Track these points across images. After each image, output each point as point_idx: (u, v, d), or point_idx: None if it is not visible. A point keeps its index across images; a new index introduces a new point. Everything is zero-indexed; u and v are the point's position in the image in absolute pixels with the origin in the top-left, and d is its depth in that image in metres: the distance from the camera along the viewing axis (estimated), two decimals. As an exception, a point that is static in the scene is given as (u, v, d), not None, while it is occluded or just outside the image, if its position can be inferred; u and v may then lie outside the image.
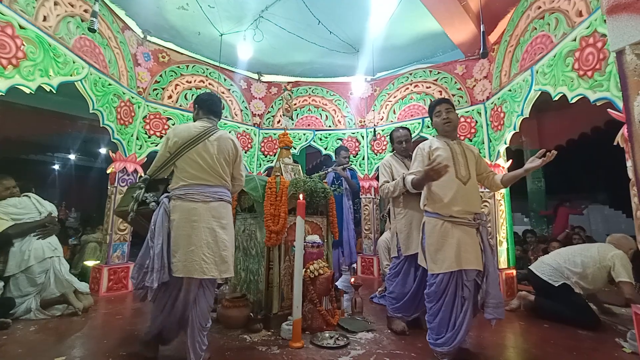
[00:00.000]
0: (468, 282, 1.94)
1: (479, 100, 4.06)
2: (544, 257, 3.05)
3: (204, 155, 1.92)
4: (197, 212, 1.86)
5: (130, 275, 1.90)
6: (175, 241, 1.82)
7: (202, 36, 4.38)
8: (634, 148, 0.88)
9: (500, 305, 1.94)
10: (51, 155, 10.49)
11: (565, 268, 2.74)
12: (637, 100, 0.85)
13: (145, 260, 1.83)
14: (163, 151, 1.97)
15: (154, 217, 1.88)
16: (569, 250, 2.90)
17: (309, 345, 2.19)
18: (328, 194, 2.96)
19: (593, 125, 6.24)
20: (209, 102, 2.13)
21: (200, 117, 2.10)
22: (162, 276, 1.77)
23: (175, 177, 1.94)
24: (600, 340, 2.37)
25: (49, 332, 2.41)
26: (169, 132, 1.99)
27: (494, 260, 2.01)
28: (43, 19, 2.67)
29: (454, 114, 2.21)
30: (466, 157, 2.13)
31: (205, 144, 1.94)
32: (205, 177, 1.92)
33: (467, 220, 2.00)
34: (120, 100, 3.69)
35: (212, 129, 2.02)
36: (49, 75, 2.69)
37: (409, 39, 4.40)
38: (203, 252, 1.82)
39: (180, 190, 1.88)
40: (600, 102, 2.20)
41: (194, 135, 1.94)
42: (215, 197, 1.93)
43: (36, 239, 2.80)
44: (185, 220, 1.84)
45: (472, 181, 2.08)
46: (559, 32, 2.66)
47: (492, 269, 1.98)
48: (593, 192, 9.57)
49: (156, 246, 1.79)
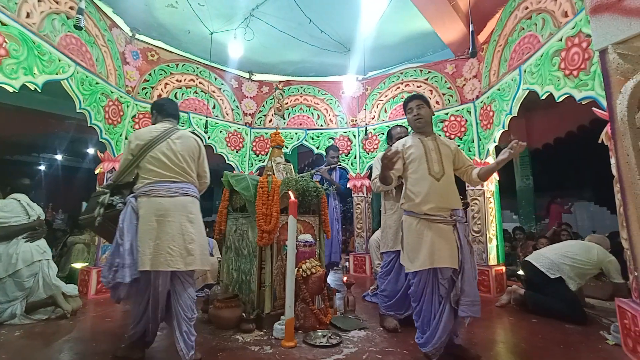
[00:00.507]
0: (443, 281, 1.91)
1: (469, 99, 4.11)
2: (542, 250, 3.14)
3: (167, 154, 2.00)
4: (163, 206, 1.91)
5: (102, 275, 1.90)
6: (141, 235, 1.86)
7: (192, 34, 4.33)
8: (617, 145, 0.90)
9: (475, 303, 1.87)
10: (37, 155, 10.26)
11: (563, 264, 2.82)
12: (619, 98, 0.87)
13: (115, 258, 1.84)
14: (126, 155, 2.03)
15: (122, 216, 1.91)
16: (569, 247, 2.98)
17: (302, 345, 2.19)
18: (320, 193, 2.97)
19: (579, 124, 6.38)
20: (167, 106, 2.22)
21: (159, 121, 2.18)
22: (134, 271, 1.81)
23: (141, 177, 2.00)
24: (586, 333, 2.43)
25: (35, 337, 2.36)
26: (130, 136, 2.07)
27: (471, 257, 1.96)
28: (26, 16, 2.61)
29: (425, 109, 2.14)
30: (440, 153, 2.07)
31: (168, 143, 2.02)
32: (170, 174, 1.99)
33: (442, 217, 1.96)
34: (109, 99, 3.62)
35: (173, 129, 2.11)
36: (34, 74, 2.63)
37: (399, 39, 4.43)
38: (169, 245, 1.87)
39: (146, 188, 1.94)
40: (585, 101, 2.25)
41: (155, 136, 2.02)
42: (181, 192, 1.99)
43: (24, 242, 2.73)
44: (151, 214, 1.89)
45: (446, 177, 2.03)
46: (545, 32, 2.71)
47: (468, 266, 1.91)
48: (579, 190, 9.78)
49: (126, 242, 1.83)
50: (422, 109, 2.13)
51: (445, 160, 2.07)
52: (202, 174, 2.20)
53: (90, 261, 3.66)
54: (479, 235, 3.75)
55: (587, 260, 2.82)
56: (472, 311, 1.87)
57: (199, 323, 2.64)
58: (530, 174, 7.35)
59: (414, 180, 2.05)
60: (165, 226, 1.89)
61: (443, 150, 2.09)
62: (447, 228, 1.96)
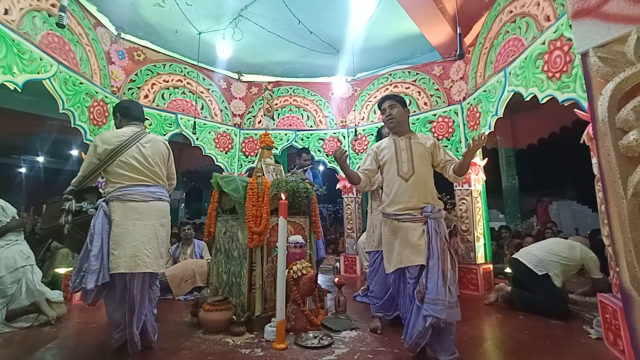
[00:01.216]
0: (411, 280, 1.88)
1: (456, 100, 4.18)
2: (529, 248, 3.23)
3: (138, 158, 2.03)
4: (138, 210, 1.97)
5: (70, 280, 1.90)
6: (115, 239, 1.90)
7: (180, 34, 4.27)
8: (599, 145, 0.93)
9: (439, 302, 1.72)
10: (17, 157, 9.93)
11: (550, 261, 2.92)
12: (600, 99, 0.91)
13: (84, 263, 1.84)
14: (91, 159, 2.02)
15: (94, 220, 1.91)
16: (554, 245, 3.09)
17: (293, 346, 2.18)
18: (310, 194, 2.96)
19: (562, 125, 6.57)
20: (132, 109, 2.22)
21: (124, 124, 2.17)
22: (101, 277, 1.83)
23: (109, 181, 2.03)
24: (569, 328, 2.50)
25: (15, 346, 2.27)
26: (95, 140, 2.04)
27: (443, 254, 1.83)
28: (4, 12, 2.52)
29: (398, 109, 2.09)
30: (412, 152, 2.03)
31: (138, 147, 2.06)
32: (142, 178, 2.03)
33: (411, 216, 1.93)
34: (93, 100, 3.53)
35: (141, 132, 2.14)
36: (13, 73, 2.54)
37: (388, 40, 4.47)
38: (145, 247, 1.94)
39: (118, 192, 1.97)
40: (567, 103, 2.32)
41: (124, 140, 2.03)
42: (155, 197, 2.06)
43: (6, 248, 2.64)
44: (126, 218, 1.94)
45: (417, 177, 1.98)
46: (529, 36, 2.79)
47: (434, 262, 1.81)
48: (562, 189, 10.08)
49: (94, 247, 1.84)
50: (394, 109, 2.10)
51: (417, 160, 2.01)
52: (171, 176, 2.27)
53: (74, 266, 3.55)
54: (467, 234, 3.81)
55: (571, 257, 2.92)
56: (435, 311, 1.71)
57: (189, 327, 2.61)
58: (515, 173, 7.52)
59: (386, 182, 2.09)
60: (141, 229, 1.95)
61: (415, 149, 2.04)
62: (416, 226, 1.91)
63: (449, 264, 1.82)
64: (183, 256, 4.13)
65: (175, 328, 2.60)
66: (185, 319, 2.81)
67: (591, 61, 0.88)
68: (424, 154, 2.04)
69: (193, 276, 3.68)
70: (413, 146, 2.05)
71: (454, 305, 1.76)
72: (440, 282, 1.76)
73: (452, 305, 1.75)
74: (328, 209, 13.30)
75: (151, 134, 2.22)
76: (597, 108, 0.90)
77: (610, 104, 0.87)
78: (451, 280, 1.79)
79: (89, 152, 2.04)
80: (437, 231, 1.87)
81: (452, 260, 1.85)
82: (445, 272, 1.78)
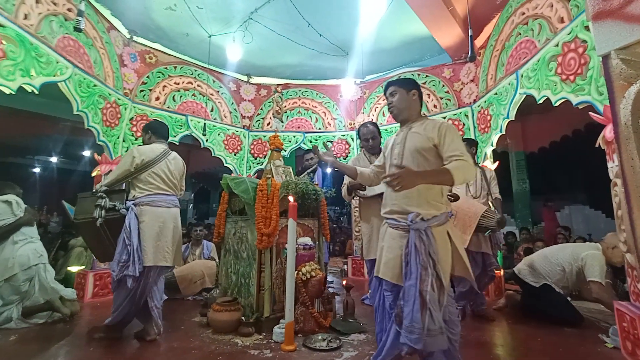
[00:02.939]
0: (387, 293, 1.67)
1: (466, 103, 4.15)
2: (525, 259, 3.13)
3: (165, 172, 2.45)
4: (163, 216, 2.39)
5: (111, 269, 2.27)
6: (146, 238, 2.28)
7: (190, 37, 4.33)
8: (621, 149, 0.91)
9: (414, 330, 1.45)
10: (31, 158, 10.15)
11: (542, 268, 2.84)
12: (622, 102, 0.89)
13: (122, 255, 2.20)
14: (129, 166, 2.34)
15: (128, 220, 2.27)
16: (547, 252, 3.00)
17: (302, 348, 2.18)
18: (319, 196, 2.96)
19: (574, 128, 6.46)
20: (162, 129, 2.64)
21: (153, 141, 2.55)
22: (140, 267, 2.20)
23: (139, 187, 2.37)
24: (584, 336, 2.44)
25: (31, 341, 2.32)
26: (134, 152, 2.38)
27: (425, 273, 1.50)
28: (24, 17, 2.59)
29: (399, 95, 1.76)
30: (404, 146, 1.71)
31: (166, 163, 2.47)
32: (166, 188, 2.45)
33: (395, 221, 1.65)
34: (106, 102, 3.60)
35: (167, 150, 2.54)
36: (31, 75, 2.61)
37: (397, 43, 4.46)
38: (166, 246, 2.36)
39: (147, 198, 2.35)
40: (582, 106, 2.28)
41: (157, 155, 2.43)
42: (173, 204, 2.50)
43: (21, 245, 2.70)
44: (154, 221, 2.34)
45: None
46: (542, 38, 2.75)
47: (410, 282, 1.51)
48: (574, 193, 9.88)
49: (134, 242, 2.21)
50: (395, 95, 1.77)
51: (408, 154, 1.68)
52: (183, 188, 2.68)
53: (87, 265, 3.61)
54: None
55: (562, 261, 2.76)
56: (410, 340, 1.45)
57: (198, 327, 2.63)
58: (526, 177, 7.40)
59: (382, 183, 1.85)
60: (164, 231, 2.37)
61: (410, 141, 1.70)
62: (397, 234, 1.63)
63: (430, 284, 1.49)
64: (192, 257, 4.16)
65: (184, 327, 2.62)
66: (194, 318, 2.83)
67: (613, 63, 0.86)
68: (420, 147, 1.66)
69: (202, 277, 3.71)
70: (408, 138, 1.71)
71: (436, 334, 1.46)
72: (416, 307, 1.47)
73: (434, 334, 1.46)
74: (335, 210, 13.27)
75: (174, 153, 2.59)
76: (619, 111, 0.88)
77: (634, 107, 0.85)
78: (433, 303, 1.48)
79: (126, 160, 2.36)
80: (417, 246, 1.52)
81: (438, 280, 1.51)
82: (424, 294, 1.48)
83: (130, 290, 2.23)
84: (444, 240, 1.59)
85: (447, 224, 1.62)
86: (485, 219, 2.75)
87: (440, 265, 1.53)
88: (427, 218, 1.57)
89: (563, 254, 2.81)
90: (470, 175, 1.55)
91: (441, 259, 1.55)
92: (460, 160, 1.53)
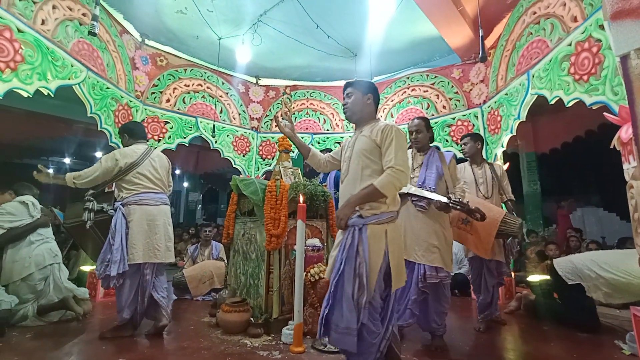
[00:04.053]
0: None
1: (476, 103, 4.11)
2: (571, 256, 2.93)
3: (150, 170, 2.49)
4: (152, 213, 2.43)
5: (95, 268, 2.34)
6: (135, 236, 2.33)
7: (200, 40, 4.38)
8: (640, 150, 0.89)
9: (339, 330, 1.47)
10: (45, 159, 10.39)
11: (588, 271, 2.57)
12: (642, 103, 0.87)
13: (107, 255, 2.26)
14: (111, 169, 2.38)
15: (114, 220, 2.33)
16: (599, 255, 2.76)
17: (311, 350, 2.18)
18: (328, 197, 2.97)
19: (587, 129, 6.32)
20: (137, 130, 2.67)
21: (132, 143, 2.57)
22: (122, 266, 2.24)
23: (125, 188, 2.43)
24: (599, 342, 2.39)
25: (45, 339, 2.37)
26: (116, 155, 2.42)
27: (342, 267, 1.53)
28: (41, 23, 2.66)
29: (355, 97, 1.75)
30: (353, 149, 1.72)
31: (150, 162, 2.50)
32: (153, 187, 2.49)
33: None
34: (118, 104, 3.67)
35: (149, 149, 2.57)
36: (47, 79, 2.67)
37: (406, 43, 4.44)
38: (158, 242, 2.40)
39: (135, 197, 2.40)
40: (596, 106, 2.23)
41: (139, 155, 2.47)
42: (162, 202, 2.52)
43: (37, 245, 2.77)
44: (143, 219, 2.38)
45: (349, 178, 1.69)
46: (554, 37, 2.71)
47: (341, 282, 1.52)
48: (587, 195, 9.69)
49: (116, 242, 2.26)
50: (351, 97, 1.77)
51: (355, 157, 1.68)
52: (170, 184, 2.71)
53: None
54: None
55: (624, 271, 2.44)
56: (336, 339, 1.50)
57: (207, 327, 2.65)
58: (537, 179, 7.28)
59: None
60: (154, 228, 2.41)
61: (358, 144, 1.70)
62: (340, 232, 1.66)
63: (350, 282, 1.50)
64: (201, 257, 4.20)
65: (194, 328, 2.64)
66: (203, 319, 2.86)
67: (632, 64, 0.84)
68: (365, 149, 1.64)
69: (211, 277, 3.74)
70: (357, 141, 1.71)
71: (344, 333, 1.46)
72: (331, 300, 1.54)
73: (341, 332, 1.47)
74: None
75: (156, 150, 2.65)
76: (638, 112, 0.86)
77: (654, 108, 0.83)
78: (347, 301, 1.48)
79: (108, 163, 2.39)
80: (347, 241, 1.56)
81: (358, 279, 1.49)
82: (339, 289, 1.52)
83: (130, 289, 2.32)
84: (378, 239, 1.56)
85: (389, 224, 1.60)
86: (505, 224, 2.43)
87: (368, 264, 1.51)
88: (366, 216, 1.58)
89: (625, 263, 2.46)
90: (399, 183, 1.56)
91: (370, 257, 1.53)
92: (387, 174, 1.56)
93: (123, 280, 2.30)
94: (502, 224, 2.42)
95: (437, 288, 2.20)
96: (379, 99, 1.83)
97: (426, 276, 2.12)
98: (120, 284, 2.30)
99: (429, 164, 2.32)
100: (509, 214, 2.53)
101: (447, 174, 2.27)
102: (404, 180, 1.58)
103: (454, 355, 2.15)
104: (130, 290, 2.33)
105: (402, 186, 1.60)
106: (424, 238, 2.16)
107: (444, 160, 2.32)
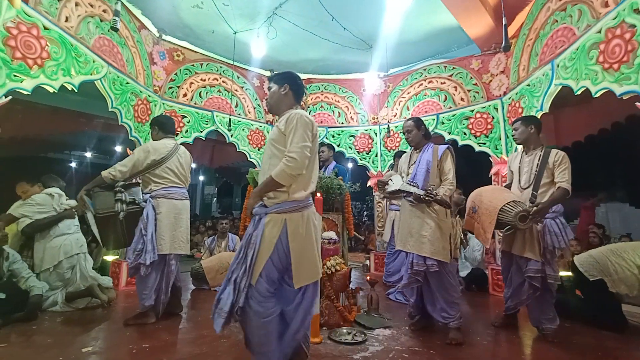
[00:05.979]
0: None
1: (496, 95, 3.99)
2: (591, 250, 2.80)
3: (177, 165, 2.61)
4: (177, 207, 2.57)
5: (126, 257, 2.51)
6: (163, 228, 2.46)
7: (216, 34, 4.41)
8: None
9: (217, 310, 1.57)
10: (68, 153, 10.77)
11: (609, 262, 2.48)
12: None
13: (138, 245, 2.38)
14: (141, 162, 2.46)
15: (146, 212, 2.44)
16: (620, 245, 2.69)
17: (327, 341, 2.20)
18: (343, 191, 2.96)
19: (613, 121, 6.04)
20: (169, 125, 2.75)
21: (162, 137, 2.67)
22: (153, 255, 2.36)
23: (154, 181, 2.52)
24: (625, 340, 2.32)
25: (74, 324, 2.49)
26: (147, 148, 2.51)
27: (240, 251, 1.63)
28: (65, 20, 2.73)
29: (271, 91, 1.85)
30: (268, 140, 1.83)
31: (177, 157, 2.62)
32: (178, 181, 2.61)
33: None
34: (138, 99, 3.75)
35: (177, 145, 2.69)
36: (71, 75, 2.75)
37: (423, 34, 4.34)
38: (182, 235, 2.57)
39: (163, 191, 2.52)
40: (627, 96, 2.13)
41: (169, 150, 2.57)
42: (185, 196, 2.66)
43: (68, 236, 2.91)
44: (170, 213, 2.52)
45: (263, 166, 1.76)
46: (582, 24, 2.59)
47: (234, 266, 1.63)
48: (612, 190, 9.30)
49: (149, 233, 2.38)
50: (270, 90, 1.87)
51: (266, 147, 1.76)
52: (188, 179, 2.79)
53: (121, 254, 3.81)
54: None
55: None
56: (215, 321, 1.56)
57: (225, 316, 2.71)
58: (558, 173, 7.03)
59: None
60: (179, 221, 2.56)
61: (270, 134, 1.80)
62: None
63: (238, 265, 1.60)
64: (218, 249, 4.28)
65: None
66: (221, 308, 2.93)
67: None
68: (273, 139, 1.70)
69: (226, 270, 3.81)
70: (271, 132, 1.78)
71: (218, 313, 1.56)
72: (224, 284, 1.63)
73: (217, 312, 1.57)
74: (356, 206, 13.20)
75: (182, 147, 2.75)
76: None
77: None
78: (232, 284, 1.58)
79: (139, 156, 2.47)
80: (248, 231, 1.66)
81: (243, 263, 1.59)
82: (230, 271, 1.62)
83: (155, 278, 2.44)
84: (273, 227, 1.59)
85: (292, 214, 1.60)
86: (504, 213, 2.22)
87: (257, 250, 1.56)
88: (269, 205, 1.64)
89: None
90: (290, 171, 1.56)
91: (261, 243, 1.57)
92: (282, 162, 1.57)
93: (150, 270, 2.41)
94: (500, 212, 2.24)
95: (440, 276, 2.26)
96: (299, 87, 1.84)
97: (413, 264, 2.26)
98: (146, 274, 2.40)
99: (420, 160, 2.45)
100: (513, 202, 2.25)
101: (434, 167, 2.34)
102: (296, 168, 1.56)
103: (467, 348, 2.14)
104: (155, 280, 2.45)
105: (295, 174, 1.59)
106: (416, 230, 2.30)
107: (436, 154, 2.38)
